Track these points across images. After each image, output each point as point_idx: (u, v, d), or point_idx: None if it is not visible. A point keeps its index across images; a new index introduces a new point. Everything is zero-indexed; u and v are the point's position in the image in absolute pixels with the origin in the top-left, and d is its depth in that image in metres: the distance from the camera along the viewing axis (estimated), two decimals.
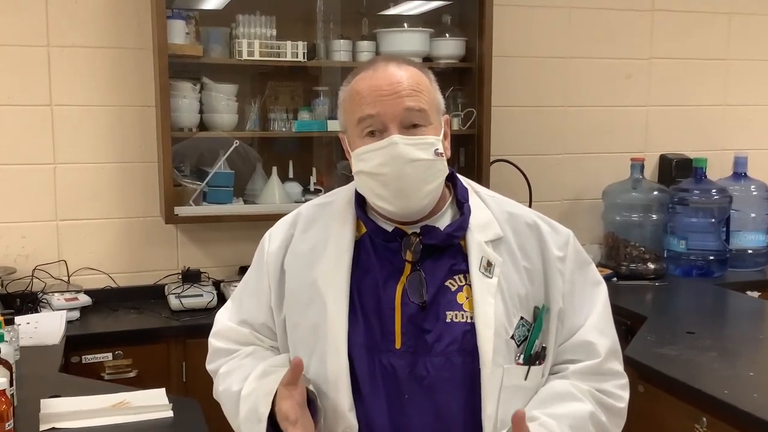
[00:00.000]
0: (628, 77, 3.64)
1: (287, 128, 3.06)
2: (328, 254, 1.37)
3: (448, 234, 1.35)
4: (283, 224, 1.47)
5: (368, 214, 1.40)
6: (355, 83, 1.35)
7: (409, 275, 1.34)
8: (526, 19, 3.45)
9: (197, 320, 2.78)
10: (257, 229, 3.12)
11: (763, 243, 3.63)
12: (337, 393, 1.31)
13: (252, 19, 2.94)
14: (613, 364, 1.39)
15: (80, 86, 2.94)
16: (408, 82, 1.31)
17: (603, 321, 1.40)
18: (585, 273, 1.42)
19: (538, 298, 1.36)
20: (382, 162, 1.29)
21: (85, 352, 2.61)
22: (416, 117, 1.31)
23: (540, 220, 1.42)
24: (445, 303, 1.33)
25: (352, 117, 1.33)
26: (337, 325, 1.32)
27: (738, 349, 2.40)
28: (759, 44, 3.83)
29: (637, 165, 3.45)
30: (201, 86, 2.96)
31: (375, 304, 1.34)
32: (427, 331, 1.31)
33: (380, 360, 1.31)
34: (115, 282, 3.03)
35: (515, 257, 1.37)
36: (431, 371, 1.30)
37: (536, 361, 1.34)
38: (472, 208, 1.39)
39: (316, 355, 1.34)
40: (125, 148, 3.01)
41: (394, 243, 1.35)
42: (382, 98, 1.29)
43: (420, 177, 1.30)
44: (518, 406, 1.28)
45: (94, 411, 1.86)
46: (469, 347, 1.30)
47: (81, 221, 3.00)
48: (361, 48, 3.10)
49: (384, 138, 1.29)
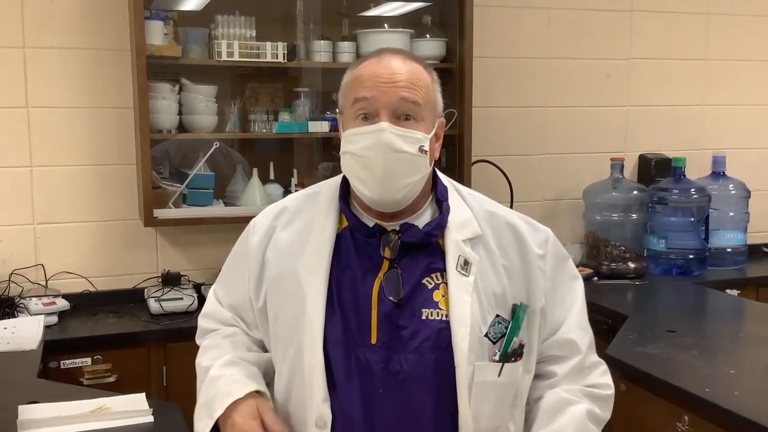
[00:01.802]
0: (607, 77, 3.66)
1: (268, 129, 3.05)
2: (310, 247, 1.40)
3: (426, 233, 1.38)
4: (267, 214, 1.50)
5: (351, 208, 1.43)
6: (359, 68, 1.38)
7: (386, 272, 1.36)
8: (506, 19, 3.46)
9: (177, 324, 2.75)
10: (238, 231, 3.10)
11: (741, 242, 3.66)
12: (312, 385, 1.33)
13: (231, 20, 2.92)
14: (593, 356, 1.47)
15: (57, 88, 2.91)
16: (408, 75, 1.34)
17: (582, 316, 1.47)
18: (564, 269, 1.47)
19: (517, 296, 1.39)
20: (367, 146, 1.33)
21: (64, 357, 2.57)
22: (409, 109, 1.34)
23: (519, 220, 1.45)
24: (422, 300, 1.35)
25: (349, 98, 1.37)
26: (314, 319, 1.35)
27: (718, 347, 2.42)
28: (736, 44, 3.87)
29: (616, 165, 3.47)
30: (180, 87, 2.94)
31: (352, 298, 1.36)
32: (402, 327, 1.34)
33: (356, 354, 1.34)
34: (94, 286, 3.00)
35: (493, 255, 1.40)
36: (405, 367, 1.33)
37: (512, 358, 1.37)
38: (451, 207, 1.42)
39: (293, 346, 1.37)
40: (103, 150, 2.98)
41: (373, 239, 1.38)
42: (380, 84, 1.33)
43: (400, 168, 1.33)
44: (491, 403, 1.34)
45: (73, 417, 1.83)
46: (443, 344, 1.33)
47: (59, 224, 2.96)
48: (341, 49, 3.10)
49: (374, 123, 1.33)
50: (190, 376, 2.75)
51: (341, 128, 1.41)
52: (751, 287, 3.41)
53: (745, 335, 2.62)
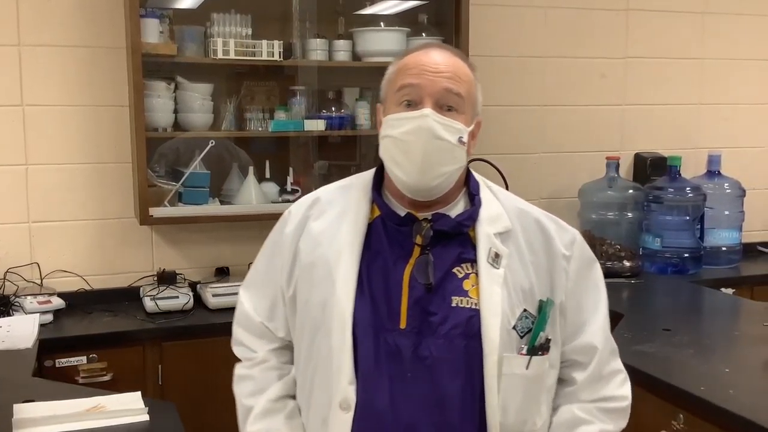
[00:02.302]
0: (603, 77, 3.66)
1: (263, 128, 3.04)
2: (342, 235, 1.43)
3: (458, 222, 1.41)
4: (301, 205, 1.53)
5: (383, 198, 1.46)
6: (405, 58, 1.42)
7: (417, 257, 1.38)
8: (502, 18, 3.46)
9: (173, 323, 2.75)
10: (234, 229, 3.15)
11: (736, 240, 3.67)
12: (340, 368, 1.35)
13: (227, 18, 2.91)
14: (613, 363, 1.48)
15: (52, 86, 2.90)
16: (453, 68, 1.38)
17: (606, 322, 1.48)
18: (589, 272, 1.49)
19: (543, 292, 1.41)
20: (408, 130, 1.35)
21: (59, 356, 2.57)
22: (452, 100, 1.37)
23: (547, 218, 1.49)
24: (452, 288, 1.38)
25: (394, 85, 1.40)
26: (343, 303, 1.37)
27: (713, 346, 2.42)
28: (732, 43, 3.87)
29: (612, 164, 3.48)
30: (175, 86, 2.93)
31: (383, 284, 1.39)
32: (432, 313, 1.36)
33: (385, 338, 1.36)
34: (89, 284, 2.99)
35: (522, 251, 1.42)
36: (434, 352, 1.34)
37: (539, 351, 1.39)
38: (483, 201, 1.45)
39: (321, 330, 1.39)
40: (99, 148, 2.98)
41: (405, 227, 1.40)
42: (426, 73, 1.37)
43: (438, 156, 1.36)
44: (519, 395, 1.36)
45: (69, 416, 1.83)
46: (472, 332, 1.35)
47: (54, 223, 2.96)
48: (337, 47, 3.09)
49: (418, 110, 1.36)
50: (185, 375, 2.77)
51: (381, 117, 1.44)
52: (746, 286, 3.41)
53: (740, 334, 2.63)
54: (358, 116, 3.17)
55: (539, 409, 1.41)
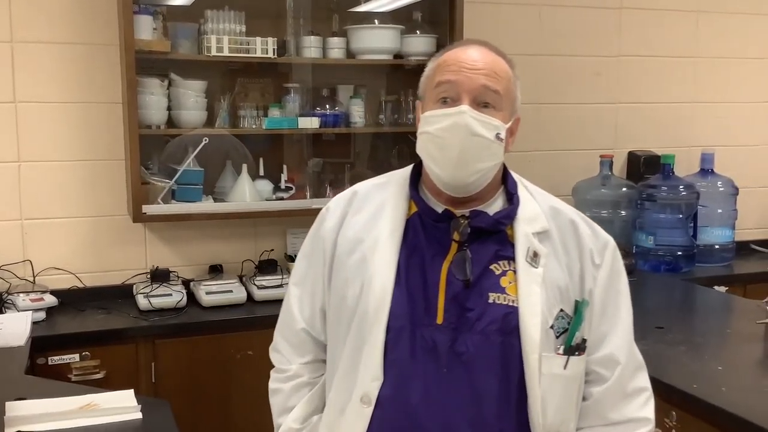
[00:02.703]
0: (597, 75, 3.67)
1: (257, 125, 3.04)
2: (379, 230, 1.43)
3: (496, 220, 1.41)
4: (340, 200, 1.53)
5: (421, 194, 1.46)
6: (444, 55, 1.43)
7: (455, 254, 1.39)
8: (496, 16, 3.46)
9: (166, 320, 2.75)
10: (227, 227, 3.15)
11: (729, 239, 3.68)
12: (368, 361, 1.36)
13: (221, 15, 2.90)
14: (637, 380, 1.45)
15: (45, 82, 2.89)
16: (492, 65, 1.39)
17: (630, 336, 1.47)
18: (616, 283, 1.48)
19: (578, 293, 1.42)
20: (445, 127, 1.36)
21: (52, 354, 2.56)
22: (490, 97, 1.38)
23: (582, 221, 1.48)
24: (489, 285, 1.38)
25: (433, 81, 1.41)
26: (380, 298, 1.37)
27: (706, 344, 2.43)
28: (725, 42, 3.88)
29: (606, 162, 3.48)
30: (169, 83, 2.92)
31: (420, 279, 1.39)
32: (469, 309, 1.36)
33: (422, 334, 1.36)
34: (82, 282, 2.98)
35: (557, 251, 1.42)
36: (470, 348, 1.35)
37: (576, 351, 1.38)
38: (521, 200, 1.45)
39: (355, 323, 1.40)
40: (92, 145, 2.97)
41: (443, 223, 1.41)
42: (464, 70, 1.37)
43: (475, 152, 1.36)
44: (558, 396, 1.36)
45: (61, 413, 1.82)
46: (508, 329, 1.35)
47: (47, 220, 2.95)
48: (331, 44, 3.09)
49: (455, 107, 1.36)
50: (178, 373, 2.76)
51: (419, 114, 1.44)
52: (738, 284, 3.43)
53: (733, 332, 2.63)
54: (352, 114, 3.16)
55: (573, 411, 1.41)
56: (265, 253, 3.14)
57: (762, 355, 2.40)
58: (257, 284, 2.97)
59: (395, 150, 3.30)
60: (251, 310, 2.88)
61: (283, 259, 3.18)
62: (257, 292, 2.95)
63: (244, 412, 2.80)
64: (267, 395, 2.88)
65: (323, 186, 3.21)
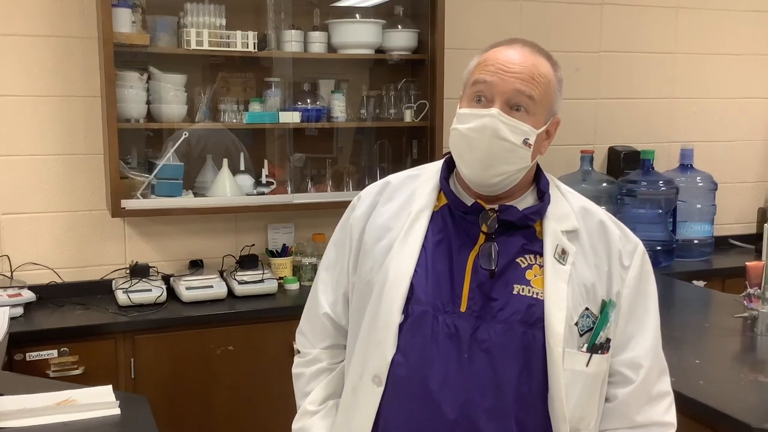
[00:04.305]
0: (577, 70, 3.68)
1: (238, 120, 3.02)
2: (407, 218, 1.45)
3: (524, 215, 1.42)
4: (372, 189, 1.56)
5: (451, 187, 1.48)
6: (489, 51, 1.43)
7: (482, 244, 1.40)
8: (478, 11, 3.46)
9: (146, 315, 2.73)
10: (207, 222, 3.13)
11: (708, 233, 3.71)
12: (383, 341, 1.38)
13: (200, 8, 2.89)
14: (661, 384, 1.46)
15: (23, 76, 2.86)
16: (531, 68, 1.38)
17: (657, 340, 1.46)
18: (644, 286, 1.47)
19: (605, 293, 1.42)
20: (474, 127, 1.37)
21: (30, 350, 2.54)
22: (523, 101, 1.37)
23: (612, 223, 1.48)
24: (514, 277, 1.39)
25: (471, 78, 1.42)
26: (399, 282, 1.39)
27: (684, 338, 2.45)
28: (705, 38, 3.91)
29: (586, 157, 3.50)
30: (148, 76, 2.90)
31: (447, 267, 1.41)
32: (493, 299, 1.38)
33: (444, 320, 1.37)
34: (61, 277, 2.96)
35: (586, 251, 1.43)
36: (492, 336, 1.36)
37: (599, 350, 1.39)
38: (552, 199, 1.46)
39: (372, 305, 1.42)
40: (70, 139, 2.94)
41: (471, 216, 1.42)
42: (501, 72, 1.37)
43: (500, 155, 1.37)
44: (578, 392, 1.37)
45: (39, 409, 1.81)
46: (531, 320, 1.36)
47: (24, 215, 2.92)
48: (312, 39, 3.08)
49: (487, 107, 1.37)
50: (158, 368, 2.74)
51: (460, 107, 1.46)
52: (717, 278, 3.46)
53: (711, 326, 2.66)
54: (333, 108, 3.15)
55: (594, 409, 1.41)
56: (245, 248, 3.13)
57: (739, 348, 2.43)
58: (238, 279, 2.95)
59: (377, 145, 3.30)
60: (232, 305, 2.87)
61: (264, 254, 3.17)
62: (238, 287, 2.93)
63: (225, 408, 2.79)
64: (246, 390, 2.90)
65: (305, 181, 3.20)
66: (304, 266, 3.14)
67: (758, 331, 2.44)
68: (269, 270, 3.06)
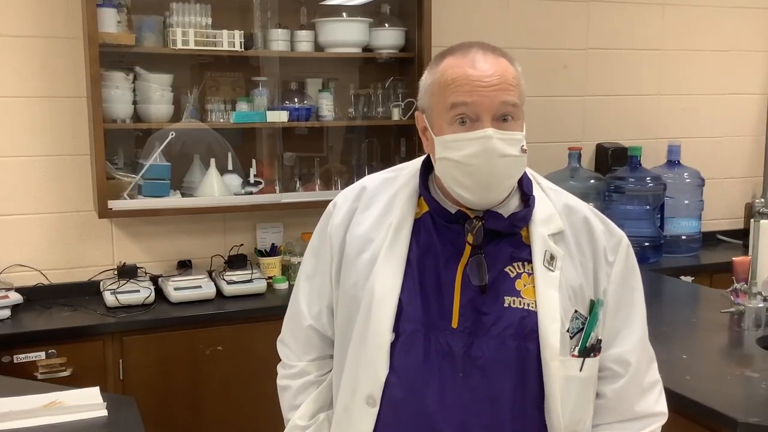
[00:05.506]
0: (564, 67, 3.69)
1: (225, 119, 3.01)
2: (388, 229, 1.40)
3: (511, 222, 1.38)
4: (348, 195, 1.49)
5: (431, 193, 1.42)
6: (449, 68, 1.36)
7: (470, 258, 1.36)
8: (465, 9, 3.46)
9: (134, 316, 2.72)
10: (195, 222, 3.12)
11: (696, 229, 3.73)
12: (374, 361, 1.34)
13: (186, 8, 2.88)
14: (651, 374, 1.45)
15: (8, 76, 2.84)
16: (503, 75, 1.34)
17: (643, 332, 1.45)
18: (630, 280, 1.46)
19: (592, 292, 1.40)
20: (472, 153, 1.31)
21: (17, 352, 2.53)
22: (509, 110, 1.33)
23: (595, 218, 1.45)
24: (504, 288, 1.36)
25: (443, 101, 1.33)
26: (387, 297, 1.35)
27: (672, 333, 2.46)
28: (691, 35, 3.93)
29: (574, 154, 3.51)
30: (134, 76, 2.89)
31: (435, 282, 1.37)
32: (484, 313, 1.34)
33: (437, 338, 1.34)
34: (48, 279, 2.94)
35: (572, 251, 1.40)
36: (486, 352, 1.33)
37: (591, 353, 1.37)
38: (535, 201, 1.42)
39: (362, 322, 1.37)
40: (56, 140, 2.92)
41: (456, 225, 1.38)
42: (480, 89, 1.31)
43: (506, 172, 1.33)
44: (573, 397, 1.35)
45: (26, 411, 1.80)
46: (524, 333, 1.34)
47: (10, 216, 2.90)
48: (299, 38, 3.07)
49: (476, 128, 1.31)
50: (146, 370, 2.73)
51: (425, 126, 1.39)
52: (705, 274, 3.48)
53: (698, 321, 2.67)
54: (321, 107, 3.15)
55: (589, 409, 1.41)
56: (234, 248, 3.12)
57: (726, 343, 2.44)
58: (226, 279, 2.95)
59: (365, 144, 3.30)
60: (220, 306, 2.86)
61: (252, 253, 3.16)
62: (226, 287, 2.93)
63: (214, 408, 2.78)
64: (236, 391, 2.88)
65: (293, 180, 3.20)
66: (293, 266, 3.13)
67: (745, 326, 2.45)
68: (258, 270, 3.06)
